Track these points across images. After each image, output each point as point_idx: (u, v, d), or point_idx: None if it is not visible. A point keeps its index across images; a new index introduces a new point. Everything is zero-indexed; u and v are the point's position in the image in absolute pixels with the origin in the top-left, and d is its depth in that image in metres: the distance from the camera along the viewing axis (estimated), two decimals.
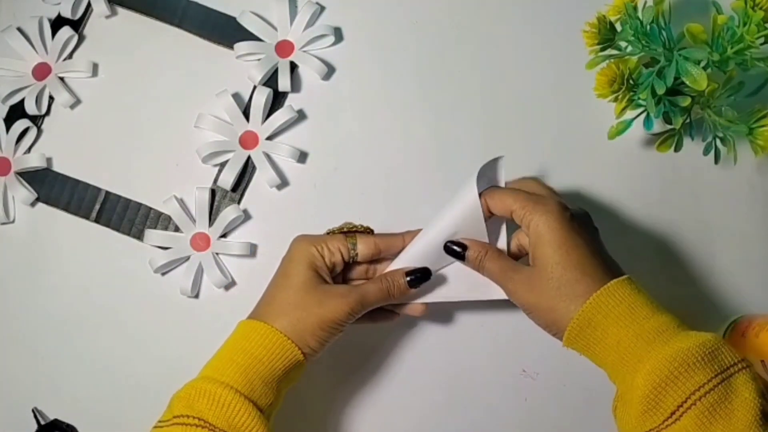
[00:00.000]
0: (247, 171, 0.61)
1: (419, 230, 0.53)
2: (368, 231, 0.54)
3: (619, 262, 0.48)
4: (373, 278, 0.52)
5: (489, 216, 0.50)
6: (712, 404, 0.40)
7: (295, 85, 0.63)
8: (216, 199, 0.61)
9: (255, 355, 0.47)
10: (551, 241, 0.46)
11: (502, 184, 0.52)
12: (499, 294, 0.50)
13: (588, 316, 0.44)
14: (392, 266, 0.53)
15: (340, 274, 0.53)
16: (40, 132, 0.63)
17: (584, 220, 0.48)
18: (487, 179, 0.51)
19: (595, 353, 0.45)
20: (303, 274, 0.50)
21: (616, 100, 0.54)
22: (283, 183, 0.61)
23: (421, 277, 0.51)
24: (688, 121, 0.55)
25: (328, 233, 0.54)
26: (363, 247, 0.52)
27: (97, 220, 0.61)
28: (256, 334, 0.48)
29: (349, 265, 0.53)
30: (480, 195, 0.49)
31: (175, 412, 0.46)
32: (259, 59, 0.62)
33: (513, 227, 0.51)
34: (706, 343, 0.42)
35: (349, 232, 0.53)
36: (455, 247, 0.50)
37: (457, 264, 0.52)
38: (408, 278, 0.51)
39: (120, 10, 0.64)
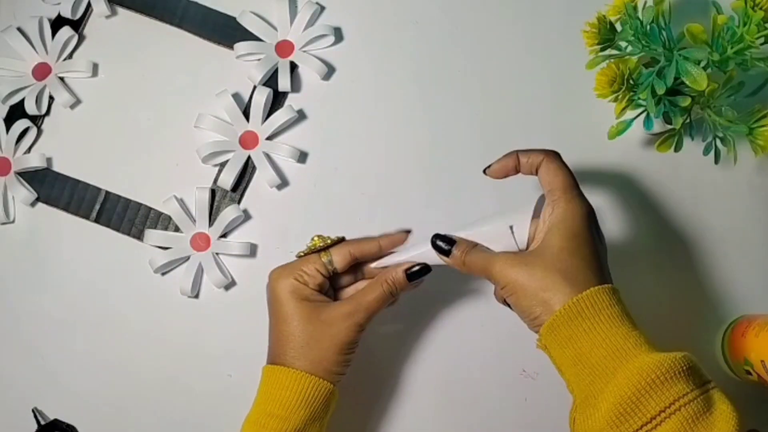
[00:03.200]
0: (247, 171, 0.61)
1: (398, 234, 0.54)
2: (339, 241, 0.53)
3: (619, 262, 0.49)
4: (371, 284, 0.52)
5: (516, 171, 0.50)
6: (695, 413, 0.40)
7: (295, 85, 0.63)
8: (216, 199, 0.61)
9: (291, 401, 0.48)
10: (572, 228, 0.46)
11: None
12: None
13: (581, 307, 0.43)
14: (392, 262, 0.52)
15: (331, 286, 0.53)
16: (40, 132, 0.63)
17: (600, 233, 0.49)
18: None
19: (571, 350, 0.44)
20: (297, 310, 0.50)
21: (616, 100, 0.54)
22: (283, 183, 0.61)
23: (420, 271, 0.51)
24: (688, 121, 0.55)
25: (299, 256, 0.53)
26: (339, 259, 0.52)
27: (97, 220, 0.61)
28: (284, 380, 0.49)
29: (334, 279, 0.53)
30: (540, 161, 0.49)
31: None
32: (259, 59, 0.62)
33: None
34: (687, 358, 0.42)
35: (321, 249, 0.52)
36: (442, 244, 0.50)
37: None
38: (409, 273, 0.51)
39: (120, 10, 0.64)
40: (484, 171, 0.51)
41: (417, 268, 0.51)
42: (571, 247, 0.45)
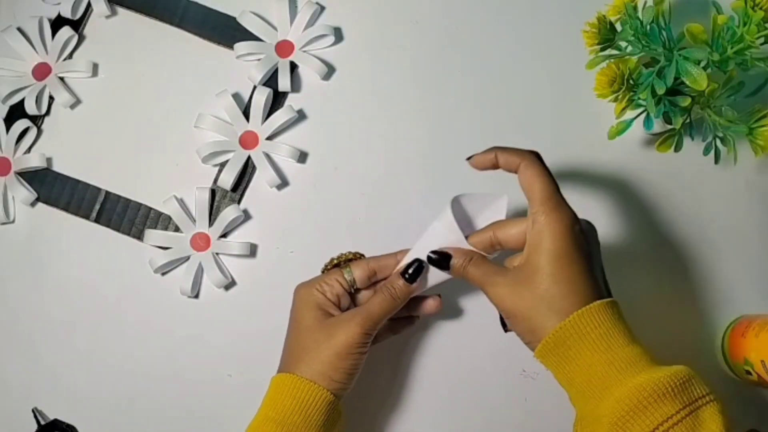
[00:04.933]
0: (247, 171, 0.61)
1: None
2: (359, 257, 0.55)
3: (618, 262, 0.48)
4: (376, 291, 0.52)
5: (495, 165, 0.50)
6: None
7: (295, 85, 0.63)
8: (216, 199, 0.61)
9: (287, 406, 0.48)
10: (551, 250, 0.45)
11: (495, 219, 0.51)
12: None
13: (565, 334, 0.43)
14: (403, 263, 0.53)
15: (349, 306, 0.53)
16: (40, 132, 0.63)
17: (589, 235, 0.47)
18: (467, 214, 0.52)
19: (564, 372, 0.44)
20: (309, 316, 0.51)
21: (616, 100, 0.55)
22: (283, 183, 0.61)
23: (415, 270, 0.51)
24: (688, 121, 0.55)
25: (322, 272, 0.55)
26: (358, 272, 0.53)
27: (97, 220, 0.61)
28: (284, 386, 0.49)
29: (354, 295, 0.54)
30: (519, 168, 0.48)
31: None
32: (259, 59, 0.62)
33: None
34: (677, 374, 0.41)
35: (342, 262, 0.54)
36: (438, 257, 0.50)
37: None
38: (405, 275, 0.51)
39: (120, 10, 0.64)
40: (467, 158, 0.51)
41: (411, 269, 0.51)
42: (553, 272, 0.44)
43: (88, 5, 0.64)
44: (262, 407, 0.50)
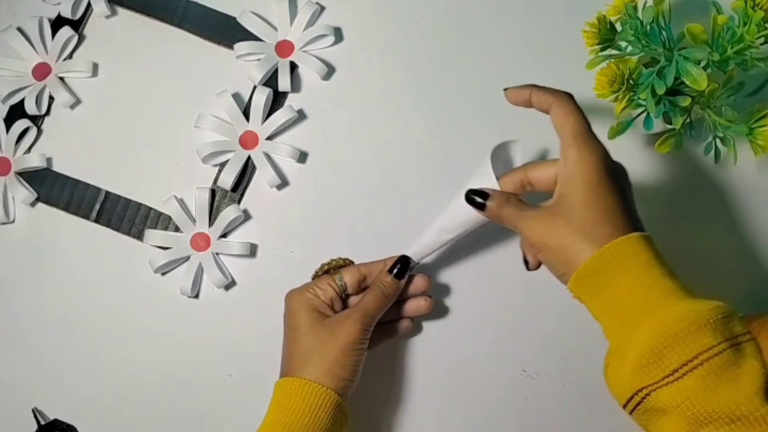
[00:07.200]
0: (247, 171, 0.61)
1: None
2: (349, 263, 0.56)
3: None
4: (368, 289, 0.54)
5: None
6: (719, 366, 0.39)
7: (295, 85, 0.63)
8: (216, 199, 0.61)
9: (296, 409, 0.48)
10: (586, 180, 0.44)
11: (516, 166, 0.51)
12: (469, 214, 0.50)
13: (603, 261, 0.43)
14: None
15: (344, 307, 0.54)
16: (40, 132, 0.63)
17: (621, 174, 0.47)
18: (503, 162, 0.52)
19: (599, 300, 0.44)
20: (306, 319, 0.52)
21: (616, 100, 0.54)
22: (283, 183, 0.61)
23: (402, 266, 0.53)
24: (688, 121, 0.55)
25: (313, 278, 0.56)
26: (349, 277, 0.54)
27: (97, 220, 0.61)
28: (291, 389, 0.49)
29: (345, 300, 0.55)
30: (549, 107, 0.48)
31: None
32: (259, 59, 0.62)
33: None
34: (718, 308, 0.40)
35: (332, 269, 0.55)
36: (477, 198, 0.49)
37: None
38: (393, 272, 0.53)
39: (120, 10, 0.64)
40: (504, 89, 0.51)
41: (396, 267, 0.53)
42: (587, 200, 0.44)
43: (88, 5, 0.64)
44: (270, 412, 0.50)
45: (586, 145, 0.45)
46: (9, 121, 0.62)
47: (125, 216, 0.61)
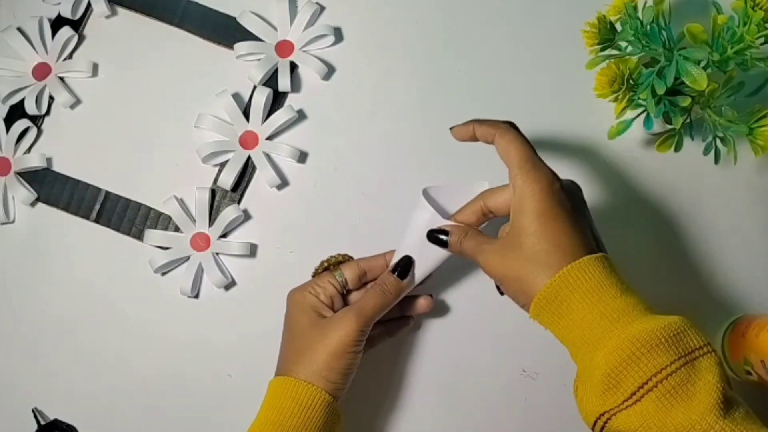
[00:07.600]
0: (247, 171, 0.61)
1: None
2: (348, 258, 0.56)
3: (618, 262, 0.48)
4: (367, 289, 0.53)
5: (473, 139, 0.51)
6: (673, 386, 0.39)
7: (295, 85, 0.63)
8: (216, 199, 0.61)
9: (287, 408, 0.48)
10: (532, 210, 0.45)
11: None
12: None
13: (555, 289, 0.43)
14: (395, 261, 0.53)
15: (342, 308, 0.54)
16: (40, 132, 0.63)
17: (572, 193, 0.47)
18: (449, 197, 0.53)
19: (559, 328, 0.44)
20: (304, 318, 0.51)
21: (616, 100, 0.54)
22: (283, 183, 0.61)
23: (405, 266, 0.52)
24: (688, 121, 0.55)
25: (313, 276, 0.56)
26: (349, 273, 0.54)
27: (97, 220, 0.61)
28: (282, 389, 0.49)
29: (345, 296, 0.54)
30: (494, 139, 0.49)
31: None
32: (259, 59, 0.62)
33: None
34: (671, 325, 0.41)
35: (331, 265, 0.55)
36: (440, 236, 0.50)
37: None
38: (396, 273, 0.52)
39: (120, 10, 0.64)
40: (450, 129, 0.52)
41: (400, 267, 0.52)
42: (537, 231, 0.44)
43: (88, 5, 0.64)
44: (262, 410, 0.50)
45: (531, 173, 0.46)
46: (9, 121, 0.62)
47: (125, 216, 0.61)
